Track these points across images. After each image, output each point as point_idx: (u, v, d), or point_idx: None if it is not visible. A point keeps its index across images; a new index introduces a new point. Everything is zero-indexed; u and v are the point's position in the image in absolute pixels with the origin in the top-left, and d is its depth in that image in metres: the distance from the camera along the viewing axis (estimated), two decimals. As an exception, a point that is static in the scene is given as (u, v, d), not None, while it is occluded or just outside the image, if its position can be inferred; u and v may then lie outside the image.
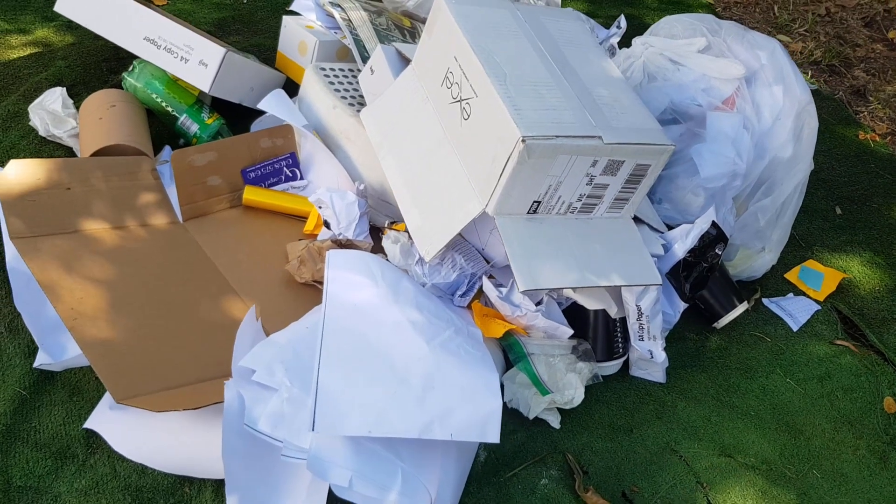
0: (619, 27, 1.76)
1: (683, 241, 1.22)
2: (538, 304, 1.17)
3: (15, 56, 1.68)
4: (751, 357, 1.31)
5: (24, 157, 1.43)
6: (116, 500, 1.02)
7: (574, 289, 1.18)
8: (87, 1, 1.44)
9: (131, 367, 1.03)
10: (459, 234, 1.25)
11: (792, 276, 1.46)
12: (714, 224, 1.22)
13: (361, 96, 1.42)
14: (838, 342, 1.35)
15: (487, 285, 1.16)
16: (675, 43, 1.42)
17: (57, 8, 1.45)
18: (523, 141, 1.00)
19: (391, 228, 1.25)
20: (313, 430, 0.92)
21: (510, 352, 1.16)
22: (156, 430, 1.04)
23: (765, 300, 1.41)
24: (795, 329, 1.36)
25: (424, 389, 0.99)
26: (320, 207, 1.31)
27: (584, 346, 1.20)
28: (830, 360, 1.31)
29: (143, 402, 0.96)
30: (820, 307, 1.40)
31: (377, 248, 1.24)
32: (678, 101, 1.36)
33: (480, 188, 1.09)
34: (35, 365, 1.12)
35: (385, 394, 0.98)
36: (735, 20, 2.18)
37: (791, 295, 1.43)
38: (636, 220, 1.23)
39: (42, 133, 1.45)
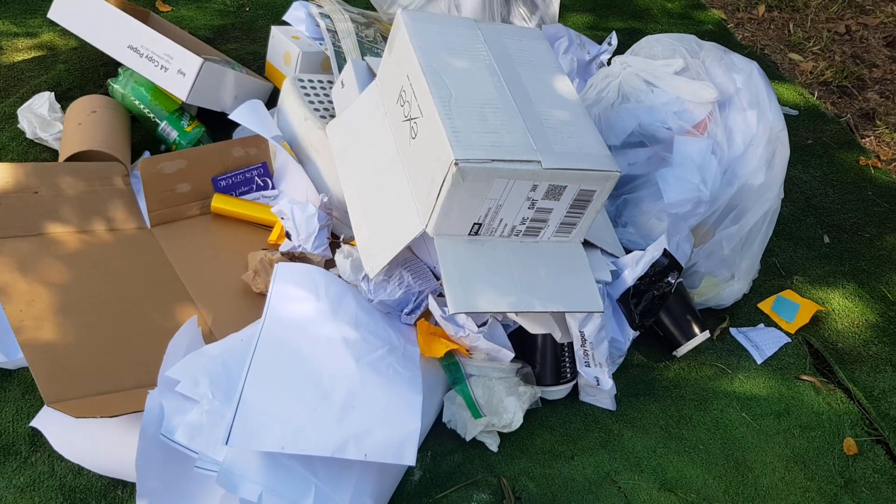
0: (609, 44, 1.75)
1: (633, 268, 1.20)
2: (482, 325, 1.16)
3: (19, 59, 1.75)
4: (708, 388, 1.28)
5: (11, 159, 1.48)
6: (50, 498, 1.06)
7: (517, 313, 1.17)
8: (77, 9, 1.49)
9: (69, 370, 1.06)
10: (411, 252, 1.25)
11: (766, 305, 1.42)
12: (666, 252, 1.19)
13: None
14: (804, 377, 1.31)
15: (432, 304, 1.16)
16: (652, 63, 1.39)
17: (50, 15, 1.50)
18: (456, 164, 1.00)
19: (346, 243, 1.26)
20: (227, 443, 0.93)
21: (448, 373, 1.16)
22: (93, 432, 1.07)
23: (732, 330, 1.38)
24: (759, 361, 1.32)
25: (345, 408, 1.00)
26: (282, 218, 1.33)
27: (526, 369, 1.19)
28: (792, 395, 1.27)
29: (67, 407, 0.99)
30: (790, 340, 1.36)
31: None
32: (647, 123, 1.34)
33: (422, 208, 1.09)
34: (-12, 363, 1.16)
35: (305, 410, 0.99)
36: (747, 37, 2.13)
37: (762, 325, 1.39)
38: (588, 244, 1.21)
39: (29, 136, 1.51)
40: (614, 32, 1.78)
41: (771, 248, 1.54)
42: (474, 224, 1.09)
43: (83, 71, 1.69)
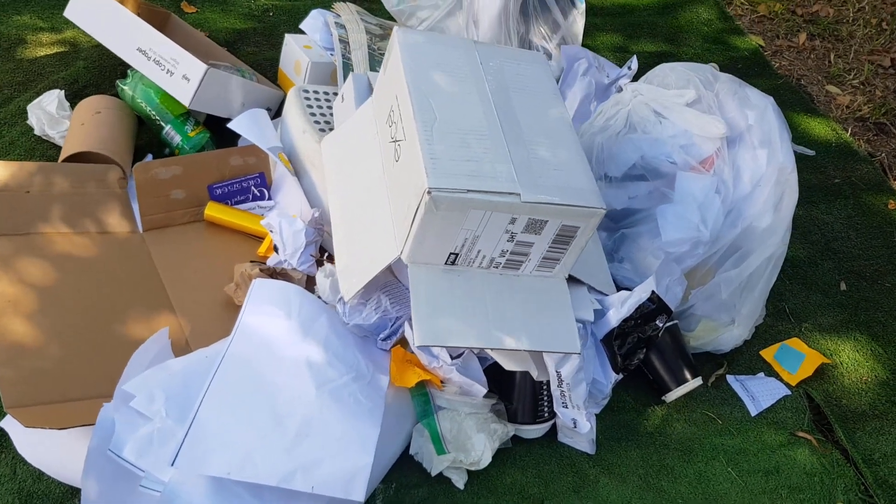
0: (629, 68, 1.69)
1: (618, 308, 1.15)
2: (457, 357, 1.13)
3: (42, 54, 1.77)
4: (694, 438, 1.22)
5: (17, 154, 1.50)
6: (7, 501, 1.05)
7: (490, 349, 1.13)
8: (91, 9, 1.50)
9: (35, 374, 1.06)
10: (393, 275, 1.22)
11: (768, 353, 1.35)
12: (654, 295, 1.14)
13: (336, 122, 1.42)
14: (800, 433, 1.24)
15: (408, 331, 1.13)
16: (664, 93, 1.34)
17: (66, 13, 1.52)
18: (429, 192, 0.96)
19: (329, 261, 1.24)
20: (173, 464, 0.92)
21: (416, 405, 1.12)
22: (56, 439, 1.06)
23: (729, 377, 1.31)
24: (754, 413, 1.26)
25: (298, 436, 0.98)
26: (270, 231, 1.31)
27: (499, 405, 1.15)
28: (784, 452, 1.21)
29: (21, 414, 0.98)
30: (790, 392, 1.29)
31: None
32: (650, 155, 1.28)
33: (399, 233, 1.06)
34: (-35, 359, 1.17)
35: (257, 436, 0.97)
36: (784, 66, 2.05)
37: (761, 375, 1.32)
38: (574, 280, 1.17)
39: (37, 132, 1.52)
40: (635, 57, 1.73)
41: (782, 291, 1.47)
42: (450, 254, 1.06)
43: (101, 69, 1.71)
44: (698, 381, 1.24)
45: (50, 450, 1.06)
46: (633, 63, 1.71)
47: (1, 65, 1.72)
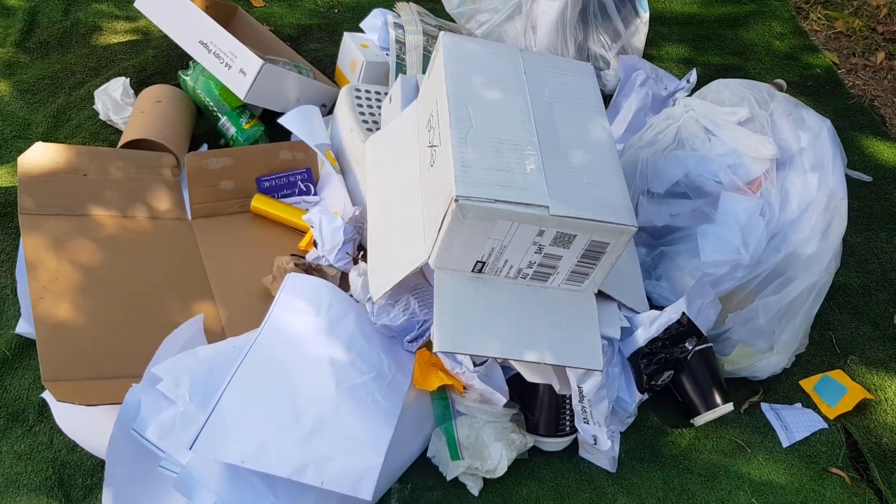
0: (688, 81, 1.66)
1: (647, 328, 1.13)
2: (480, 364, 1.13)
3: (116, 41, 1.84)
4: (720, 465, 1.19)
5: (83, 137, 1.57)
6: (41, 469, 1.11)
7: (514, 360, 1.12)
8: (159, 1, 1.55)
9: (74, 350, 1.11)
10: (424, 278, 1.23)
11: (808, 383, 1.31)
12: (684, 316, 1.12)
13: (384, 122, 1.43)
14: (832, 469, 1.19)
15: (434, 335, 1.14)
16: (716, 109, 1.31)
17: (136, 4, 1.58)
18: (456, 200, 0.97)
19: (363, 260, 1.25)
20: (191, 448, 0.95)
21: (436, 409, 1.13)
22: (92, 413, 1.11)
23: (764, 405, 1.28)
24: (785, 444, 1.22)
25: (313, 431, 1.00)
26: (311, 226, 1.33)
27: (519, 416, 1.15)
28: (814, 488, 1.17)
29: (56, 388, 1.03)
30: (827, 426, 1.25)
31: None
32: (696, 174, 1.26)
33: (428, 238, 1.06)
34: (16, 331, 1.23)
35: (274, 428, 0.99)
36: (858, 86, 1.97)
37: (798, 405, 1.28)
38: (604, 296, 1.15)
39: (102, 117, 1.59)
40: (694, 70, 1.69)
41: (830, 320, 1.42)
42: (477, 262, 1.06)
43: (169, 59, 1.76)
44: (729, 407, 1.21)
45: (84, 423, 1.11)
46: (693, 76, 1.67)
47: (76, 50, 1.80)
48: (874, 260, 1.53)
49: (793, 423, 1.24)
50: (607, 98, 1.73)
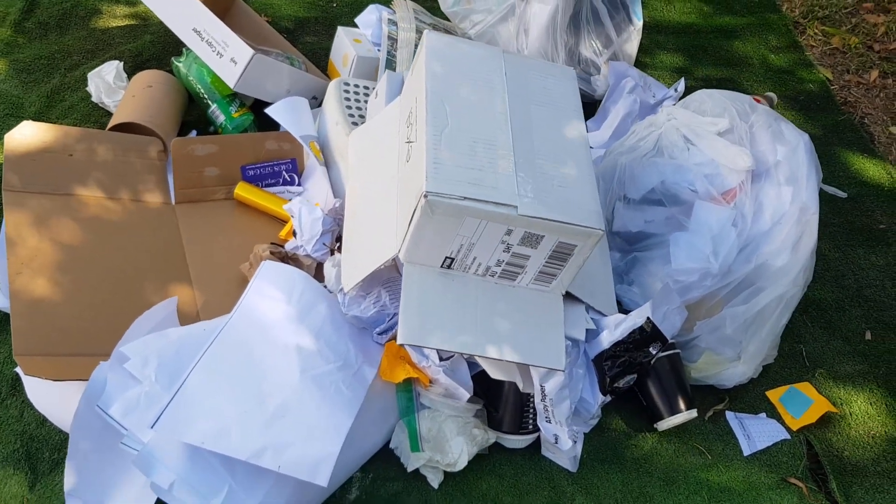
0: (675, 90, 1.67)
1: (612, 331, 1.14)
2: (446, 359, 1.15)
3: (114, 25, 1.86)
4: (680, 470, 1.20)
5: (74, 118, 1.59)
6: (9, 441, 1.13)
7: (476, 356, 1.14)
8: (156, -13, 1.57)
9: (48, 326, 1.13)
10: (397, 272, 1.24)
11: (775, 394, 1.32)
12: (648, 321, 1.13)
13: (369, 117, 1.45)
14: (791, 479, 1.21)
15: (402, 328, 1.15)
16: (697, 119, 1.32)
17: (133, -11, 1.60)
18: (426, 196, 0.99)
19: (339, 251, 1.27)
20: (152, 427, 0.97)
21: (399, 400, 1.15)
22: (62, 389, 1.13)
23: (729, 413, 1.29)
24: (746, 453, 1.23)
25: (275, 416, 1.01)
26: (291, 216, 1.35)
27: (483, 412, 1.16)
28: (770, 496, 1.18)
29: (25, 362, 1.05)
30: (789, 437, 1.26)
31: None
32: (671, 182, 1.27)
33: (399, 232, 1.08)
34: (-6, 306, 1.25)
35: (237, 411, 1.01)
36: (850, 102, 1.98)
37: (763, 415, 1.29)
38: (573, 298, 1.17)
39: (94, 99, 1.61)
40: (682, 79, 1.70)
41: (801, 334, 1.43)
42: (446, 257, 1.08)
43: (165, 45, 1.78)
44: (693, 414, 1.23)
45: (55, 399, 1.13)
46: (681, 85, 1.68)
47: (75, 32, 1.82)
48: (851, 276, 1.54)
49: (755, 433, 1.26)
50: (596, 103, 1.75)
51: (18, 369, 1.17)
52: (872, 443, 1.28)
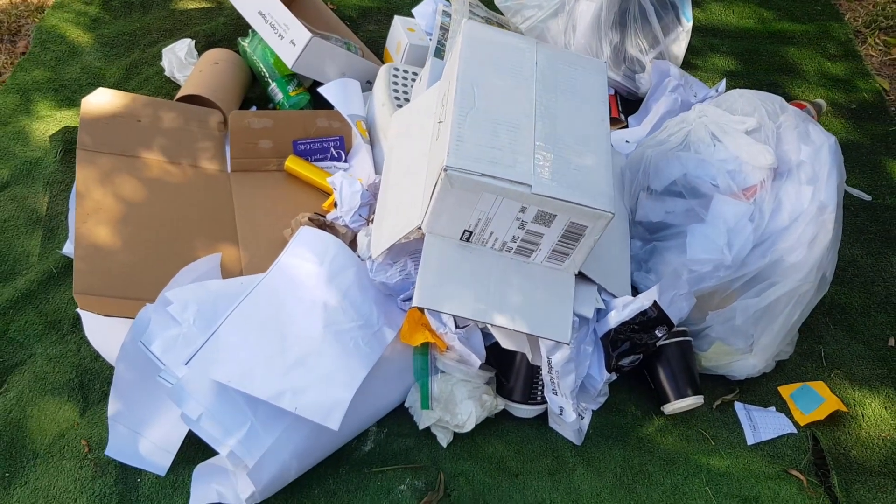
0: (717, 91, 1.70)
1: (620, 311, 1.20)
2: (462, 327, 1.22)
3: (192, 7, 2.00)
4: (681, 452, 1.25)
5: (148, 89, 1.72)
6: (66, 372, 1.26)
7: (490, 324, 1.21)
8: (228, -28, 1.69)
9: (104, 270, 1.25)
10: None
11: (786, 390, 1.35)
12: (655, 304, 1.18)
13: (414, 100, 1.53)
14: (792, 471, 1.24)
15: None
16: (727, 117, 1.36)
17: (208, -26, 1.72)
18: (445, 170, 1.06)
19: (372, 223, 1.36)
20: (186, 364, 1.07)
21: (416, 362, 1.22)
22: (114, 328, 1.25)
23: (738, 404, 1.32)
24: (750, 442, 1.27)
25: (295, 364, 1.11)
26: (334, 188, 1.45)
27: (493, 380, 1.23)
28: (769, 485, 1.21)
29: (83, 299, 1.17)
30: (795, 431, 1.29)
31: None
32: (693, 175, 1.31)
33: (424, 205, 1.16)
34: (62, 251, 1.39)
35: (262, 357, 1.11)
36: (905, 113, 1.96)
37: (772, 409, 1.32)
38: (586, 279, 1.23)
39: (167, 74, 1.74)
40: (724, 80, 1.73)
41: (822, 335, 1.45)
42: (465, 231, 1.15)
43: (236, 27, 1.91)
44: (699, 400, 1.27)
45: (108, 337, 1.26)
46: (722, 86, 1.71)
47: (156, 12, 1.97)
48: (880, 282, 1.55)
49: (762, 424, 1.29)
50: (640, 100, 1.79)
51: (79, 310, 1.30)
52: (882, 445, 1.29)
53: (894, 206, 1.70)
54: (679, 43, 1.82)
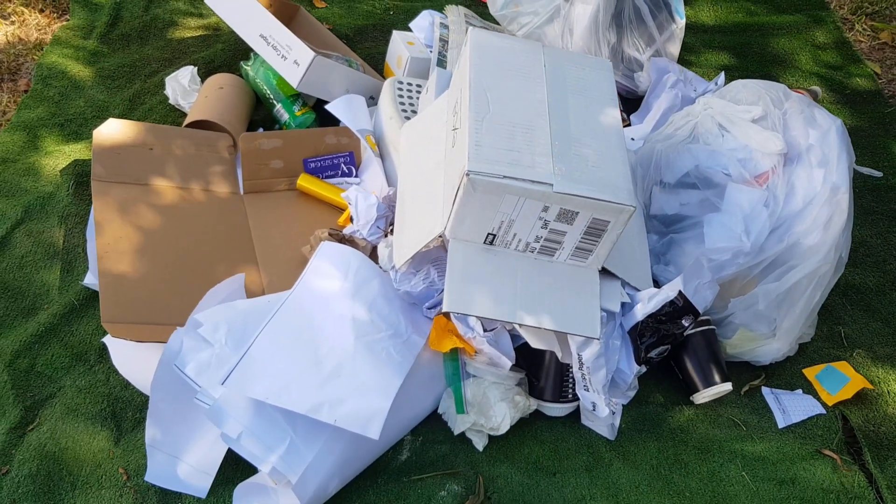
0: (716, 84, 1.72)
1: (646, 303, 1.21)
2: (490, 330, 1.23)
3: (188, 35, 2.02)
4: (715, 439, 1.26)
5: (154, 118, 1.73)
6: (97, 402, 1.26)
7: (517, 324, 1.22)
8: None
9: (130, 298, 1.26)
10: (445, 252, 1.33)
11: (811, 372, 1.36)
12: (680, 294, 1.19)
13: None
14: (825, 451, 1.25)
15: (448, 301, 1.24)
16: (732, 107, 1.38)
17: (206, 1, 1.74)
18: (467, 174, 1.08)
19: (392, 234, 1.37)
20: (223, 383, 1.08)
21: (447, 368, 1.23)
22: (143, 356, 1.25)
23: (764, 389, 1.34)
24: (781, 425, 1.28)
25: (331, 376, 1.11)
26: (349, 203, 1.46)
27: (525, 380, 1.24)
28: (804, 466, 1.22)
29: (113, 328, 1.18)
30: (825, 412, 1.30)
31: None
32: (705, 166, 1.33)
33: (445, 211, 1.17)
34: (83, 283, 1.39)
35: (297, 371, 1.11)
36: (898, 96, 2.00)
37: (799, 391, 1.33)
38: (609, 274, 1.24)
39: (171, 102, 1.75)
40: (723, 73, 1.75)
41: (841, 315, 1.47)
42: (488, 234, 1.16)
43: (235, 52, 1.92)
44: (728, 387, 1.28)
45: (137, 365, 1.26)
46: (721, 79, 1.74)
47: (154, 42, 1.98)
48: (892, 261, 1.57)
49: (791, 407, 1.30)
50: (640, 99, 1.81)
51: (105, 339, 1.30)
52: (911, 420, 1.31)
53: (873, 177, 1.72)
54: (674, 40, 1.85)
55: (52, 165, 1.63)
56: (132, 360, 1.27)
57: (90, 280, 1.39)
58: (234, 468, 1.17)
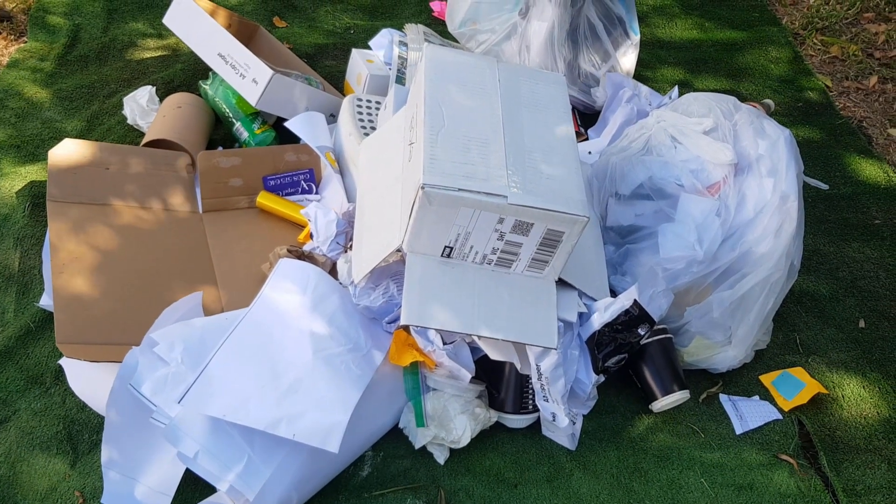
0: (670, 98, 1.76)
1: (602, 313, 1.22)
2: (449, 343, 1.23)
3: (147, 56, 2.01)
4: (674, 447, 1.27)
5: (112, 138, 1.72)
6: (53, 424, 1.24)
7: (476, 336, 1.22)
8: (183, 18, 1.71)
9: (85, 318, 1.25)
10: (404, 265, 1.34)
11: (768, 378, 1.38)
12: (636, 303, 1.21)
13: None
14: (782, 456, 1.26)
15: (407, 315, 1.24)
16: (684, 120, 1.41)
17: (164, 21, 1.74)
18: (423, 188, 1.08)
19: (351, 249, 1.37)
20: (180, 402, 1.07)
21: (407, 382, 1.23)
22: (99, 377, 1.24)
23: (722, 396, 1.35)
24: (739, 431, 1.30)
25: (289, 391, 1.11)
26: (309, 220, 1.46)
27: (485, 393, 1.25)
28: (762, 472, 1.24)
29: (67, 348, 1.16)
30: (781, 417, 1.32)
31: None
32: (658, 177, 1.35)
33: (402, 225, 1.18)
34: (39, 304, 1.37)
35: (255, 388, 1.11)
36: (848, 108, 2.04)
37: (756, 398, 1.35)
38: (566, 285, 1.25)
39: (130, 122, 1.74)
40: (676, 87, 1.79)
41: (796, 322, 1.49)
42: (445, 247, 1.17)
43: (194, 72, 1.92)
44: (686, 395, 1.30)
45: (93, 386, 1.25)
46: (674, 93, 1.77)
47: (112, 63, 1.97)
48: (845, 268, 1.60)
49: (748, 413, 1.32)
50: (597, 114, 1.84)
51: (61, 361, 1.29)
52: (865, 423, 1.33)
53: (849, 194, 1.77)
54: (629, 56, 1.88)
55: (7, 187, 1.61)
56: (89, 381, 1.25)
57: (46, 302, 1.37)
58: (193, 488, 1.15)
